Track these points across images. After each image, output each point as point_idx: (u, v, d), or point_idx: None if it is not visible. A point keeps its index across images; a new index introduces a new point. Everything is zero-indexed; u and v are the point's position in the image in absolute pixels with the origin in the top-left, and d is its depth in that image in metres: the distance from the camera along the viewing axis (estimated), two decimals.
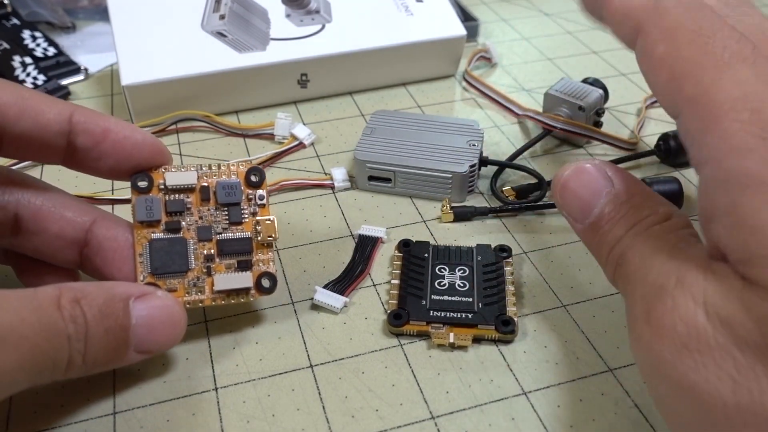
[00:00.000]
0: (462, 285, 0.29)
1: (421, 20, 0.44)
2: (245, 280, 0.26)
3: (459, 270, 0.29)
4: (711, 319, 0.18)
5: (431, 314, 0.27)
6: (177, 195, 0.26)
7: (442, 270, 0.29)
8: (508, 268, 0.30)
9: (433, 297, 0.28)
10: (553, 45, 0.51)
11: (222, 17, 0.43)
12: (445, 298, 0.28)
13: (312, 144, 0.40)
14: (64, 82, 0.46)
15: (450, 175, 0.34)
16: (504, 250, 0.30)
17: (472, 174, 0.35)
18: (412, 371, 0.26)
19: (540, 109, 0.41)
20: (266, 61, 0.41)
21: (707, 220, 0.19)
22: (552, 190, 0.25)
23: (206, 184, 0.27)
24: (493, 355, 0.27)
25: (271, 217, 0.27)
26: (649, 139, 0.40)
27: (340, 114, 0.43)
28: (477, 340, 0.27)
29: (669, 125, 0.40)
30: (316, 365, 0.26)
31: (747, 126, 0.18)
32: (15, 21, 0.49)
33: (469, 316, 0.27)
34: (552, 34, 0.53)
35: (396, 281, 0.29)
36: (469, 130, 0.37)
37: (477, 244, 0.31)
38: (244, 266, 0.26)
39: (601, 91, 0.39)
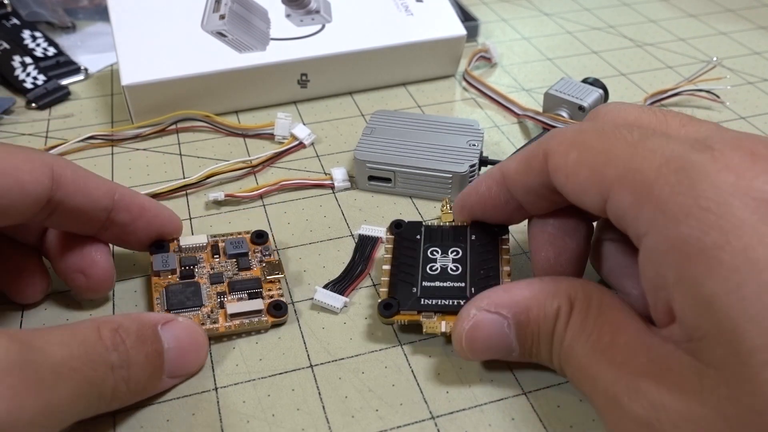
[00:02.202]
0: (454, 269, 0.27)
1: (421, 20, 0.44)
2: (256, 304, 0.27)
3: (452, 252, 0.28)
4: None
5: (422, 302, 0.26)
6: (189, 252, 0.30)
7: (434, 253, 0.28)
8: (504, 247, 0.28)
9: (424, 284, 0.27)
10: (553, 45, 0.51)
11: (222, 17, 0.43)
12: (437, 284, 0.27)
13: (312, 144, 0.40)
14: (64, 82, 0.46)
15: (450, 175, 0.34)
16: (501, 228, 0.28)
17: (472, 174, 0.35)
18: (412, 371, 0.26)
19: (540, 109, 0.41)
20: (266, 61, 0.41)
21: (655, 289, 0.19)
22: (458, 349, 0.24)
23: (215, 244, 0.30)
24: None
25: (278, 259, 0.29)
26: None
27: (340, 114, 0.43)
28: None
29: None
30: (316, 365, 0.26)
31: (677, 188, 0.18)
32: (15, 21, 0.49)
33: (461, 302, 0.26)
34: (552, 34, 0.53)
35: (387, 266, 0.28)
36: (469, 130, 0.37)
37: (472, 222, 0.29)
38: (255, 296, 0.28)
39: (601, 91, 0.39)
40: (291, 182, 0.36)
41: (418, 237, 0.29)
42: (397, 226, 0.29)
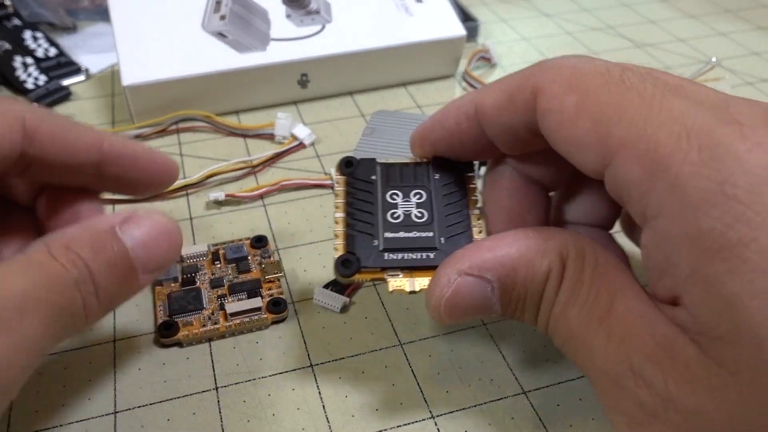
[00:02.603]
0: (419, 215, 0.23)
1: (421, 20, 0.44)
2: (255, 302, 0.28)
3: (414, 195, 0.24)
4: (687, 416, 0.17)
5: (386, 258, 0.22)
6: (191, 261, 0.30)
7: (395, 197, 0.24)
8: (471, 186, 0.24)
9: (387, 235, 0.23)
10: (553, 45, 0.51)
11: (222, 18, 0.43)
12: (401, 234, 0.23)
13: (312, 144, 0.40)
14: (65, 82, 0.46)
15: None
16: (466, 164, 0.25)
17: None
18: (412, 371, 0.26)
19: None
20: (266, 61, 0.41)
21: (660, 273, 0.18)
22: (434, 315, 0.21)
23: (216, 251, 0.31)
24: (493, 354, 0.27)
25: (278, 259, 0.30)
26: None
27: (340, 114, 0.43)
28: None
29: None
30: (316, 365, 0.26)
31: (699, 169, 0.16)
32: (16, 21, 0.49)
33: (431, 255, 0.22)
34: (552, 34, 0.53)
35: (340, 214, 0.23)
36: None
37: (434, 158, 0.25)
38: (254, 295, 0.29)
39: None
40: (291, 182, 0.36)
41: (374, 177, 0.24)
42: (347, 165, 0.25)
